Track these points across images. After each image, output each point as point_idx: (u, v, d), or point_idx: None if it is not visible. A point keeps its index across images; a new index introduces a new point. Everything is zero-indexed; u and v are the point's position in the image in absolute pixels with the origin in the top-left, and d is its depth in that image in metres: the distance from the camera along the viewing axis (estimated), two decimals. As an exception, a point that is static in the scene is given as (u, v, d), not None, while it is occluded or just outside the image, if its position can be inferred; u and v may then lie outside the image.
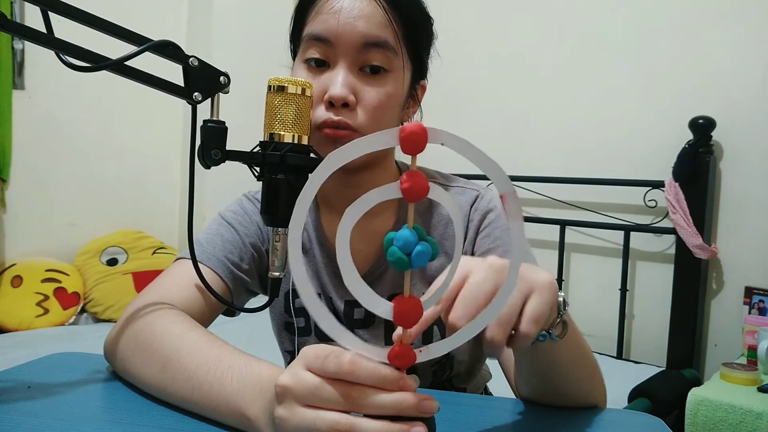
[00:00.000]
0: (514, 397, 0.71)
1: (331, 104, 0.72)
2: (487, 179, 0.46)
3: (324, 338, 0.85)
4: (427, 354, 0.44)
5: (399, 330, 0.44)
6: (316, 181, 0.40)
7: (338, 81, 0.72)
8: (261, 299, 0.89)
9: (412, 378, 0.43)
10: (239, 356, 0.58)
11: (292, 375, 0.44)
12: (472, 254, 0.81)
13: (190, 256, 0.77)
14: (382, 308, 0.42)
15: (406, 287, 0.42)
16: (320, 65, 0.74)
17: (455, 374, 0.88)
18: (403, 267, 0.40)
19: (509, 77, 2.52)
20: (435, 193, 0.41)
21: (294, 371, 0.44)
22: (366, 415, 0.42)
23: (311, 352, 0.44)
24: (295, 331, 0.86)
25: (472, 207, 0.83)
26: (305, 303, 0.42)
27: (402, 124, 0.83)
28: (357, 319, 0.83)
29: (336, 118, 0.71)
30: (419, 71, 0.82)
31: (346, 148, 0.40)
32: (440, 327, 0.82)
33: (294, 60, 0.81)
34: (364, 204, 0.40)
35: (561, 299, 0.56)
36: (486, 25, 2.59)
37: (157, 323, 0.65)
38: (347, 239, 0.41)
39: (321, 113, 0.72)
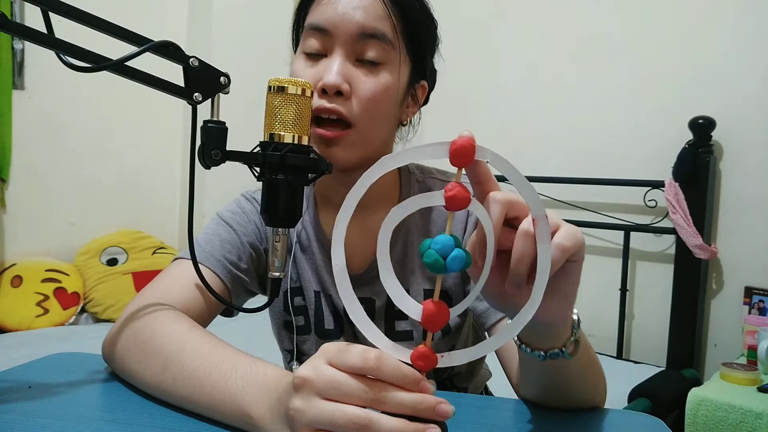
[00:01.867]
0: (514, 396, 0.71)
1: (324, 92, 0.72)
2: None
3: (323, 337, 0.85)
4: (449, 360, 0.45)
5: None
6: (366, 182, 0.43)
7: (333, 69, 0.72)
8: (259, 299, 0.89)
9: (431, 382, 0.43)
10: (242, 357, 0.58)
11: (313, 368, 0.44)
12: (463, 232, 0.82)
13: (188, 257, 0.76)
14: (413, 309, 0.44)
15: (437, 290, 0.44)
16: (318, 55, 0.75)
17: (456, 373, 0.88)
18: (438, 270, 0.42)
19: (509, 77, 2.53)
20: (473, 206, 0.43)
21: (314, 365, 0.44)
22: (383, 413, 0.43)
23: (333, 347, 0.45)
24: (293, 330, 0.86)
25: None
26: (342, 295, 0.44)
27: (402, 124, 0.83)
28: None
29: (329, 105, 0.71)
30: (419, 70, 0.81)
31: (398, 155, 0.42)
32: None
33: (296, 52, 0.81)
34: (407, 207, 0.43)
35: (575, 317, 0.55)
36: (486, 25, 2.59)
37: (157, 324, 0.65)
38: (388, 239, 0.43)
39: (314, 100, 0.72)
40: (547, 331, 0.54)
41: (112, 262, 2.43)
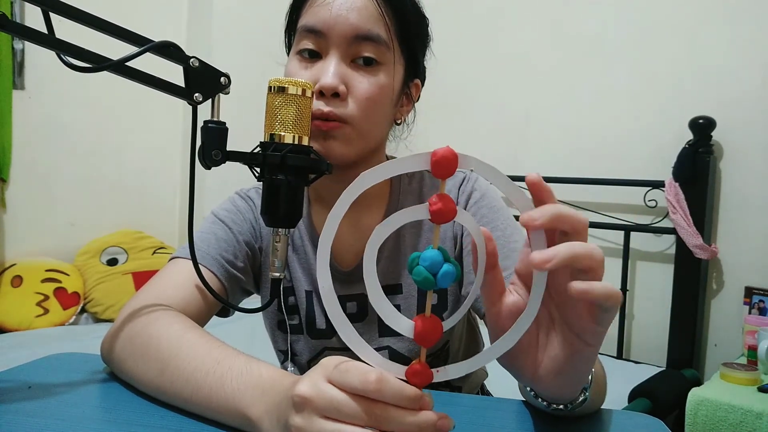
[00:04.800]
0: (513, 396, 0.71)
1: (321, 94, 0.72)
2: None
3: (315, 337, 0.85)
4: (444, 374, 0.44)
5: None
6: (347, 198, 0.41)
7: (329, 71, 0.72)
8: (255, 299, 0.89)
9: (429, 395, 0.43)
10: (238, 357, 0.58)
11: (313, 386, 0.43)
12: (461, 234, 0.82)
13: (184, 256, 0.76)
14: (404, 326, 0.43)
15: (428, 307, 0.43)
16: (313, 57, 0.75)
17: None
18: (429, 286, 0.41)
19: (509, 77, 2.52)
20: (460, 217, 0.41)
21: (314, 382, 0.44)
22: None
23: (332, 363, 0.44)
24: (287, 330, 0.86)
25: (459, 189, 0.83)
26: (329, 313, 0.42)
27: (396, 122, 0.83)
28: (350, 313, 0.83)
29: (326, 109, 0.71)
30: (413, 69, 0.81)
31: (377, 169, 0.40)
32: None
33: (289, 54, 0.81)
34: (393, 223, 0.41)
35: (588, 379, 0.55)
36: (485, 25, 2.59)
37: (154, 325, 0.65)
38: (374, 256, 0.42)
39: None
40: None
41: (112, 262, 2.43)
